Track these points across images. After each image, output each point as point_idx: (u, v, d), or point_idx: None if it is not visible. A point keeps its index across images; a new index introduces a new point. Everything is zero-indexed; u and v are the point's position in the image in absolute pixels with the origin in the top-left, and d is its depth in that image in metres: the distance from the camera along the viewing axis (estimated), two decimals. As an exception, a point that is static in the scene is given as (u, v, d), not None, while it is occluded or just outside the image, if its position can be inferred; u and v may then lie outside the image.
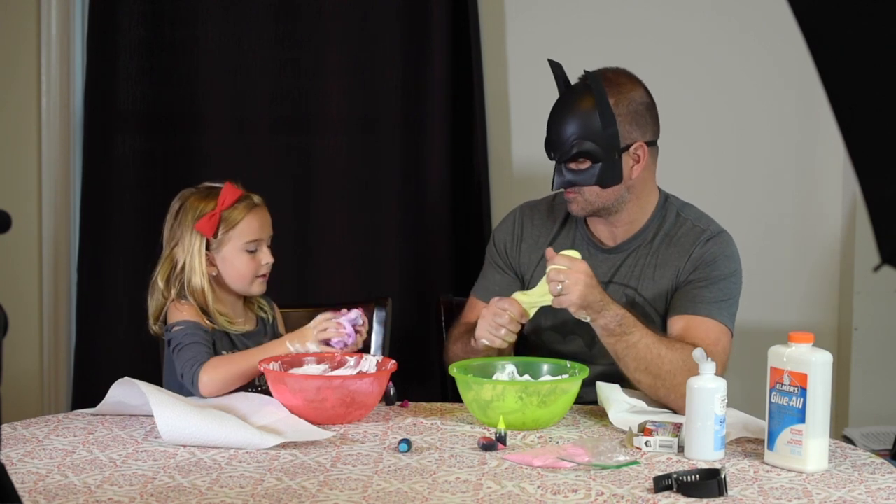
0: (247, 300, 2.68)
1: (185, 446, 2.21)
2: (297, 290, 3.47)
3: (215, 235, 2.57)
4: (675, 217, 2.69)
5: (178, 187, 2.69)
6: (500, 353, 2.60)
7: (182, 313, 2.54)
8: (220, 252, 2.59)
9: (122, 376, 2.49)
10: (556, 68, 2.66)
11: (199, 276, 2.56)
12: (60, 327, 3.57)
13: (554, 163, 2.65)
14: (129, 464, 2.12)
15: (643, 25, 3.54)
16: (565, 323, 2.64)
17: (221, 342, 2.58)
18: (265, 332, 2.67)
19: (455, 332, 2.75)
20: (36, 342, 3.57)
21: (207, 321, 2.56)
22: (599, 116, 2.58)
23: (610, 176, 2.60)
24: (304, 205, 3.52)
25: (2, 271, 3.55)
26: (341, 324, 2.51)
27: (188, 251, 2.57)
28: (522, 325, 2.56)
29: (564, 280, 2.40)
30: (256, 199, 2.65)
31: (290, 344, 2.51)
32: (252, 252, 2.61)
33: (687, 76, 3.57)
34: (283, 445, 2.19)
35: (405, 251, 3.52)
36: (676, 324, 2.56)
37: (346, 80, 3.48)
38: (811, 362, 2.08)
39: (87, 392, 3.44)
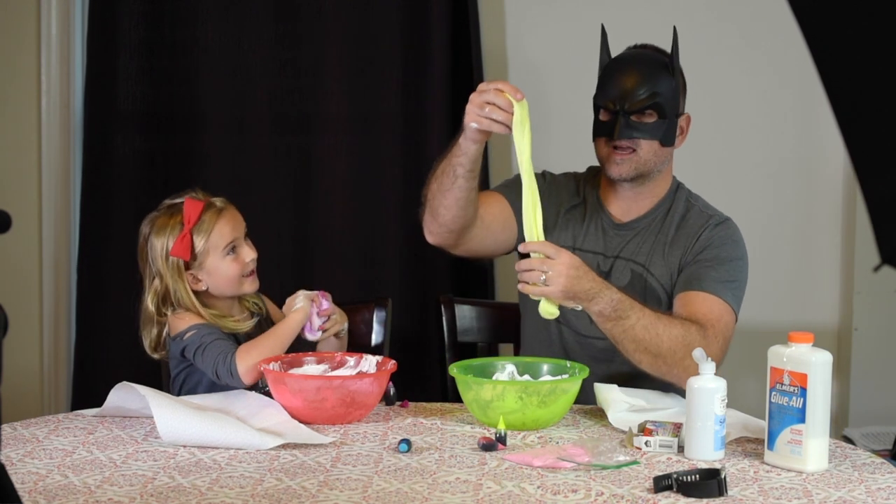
0: (240, 299, 2.67)
1: (185, 446, 2.21)
2: (296, 291, 3.47)
3: (193, 257, 2.54)
4: (685, 201, 2.73)
5: (178, 187, 2.68)
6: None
7: (185, 321, 2.53)
8: (202, 268, 2.55)
9: (122, 376, 2.49)
10: (603, 36, 2.73)
11: (185, 296, 2.53)
12: (60, 327, 3.57)
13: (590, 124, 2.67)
14: (129, 464, 2.12)
15: (643, 25, 3.53)
16: None
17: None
18: (262, 329, 2.66)
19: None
20: (36, 342, 3.57)
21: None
22: (672, 73, 2.66)
23: (669, 135, 2.66)
24: (304, 205, 3.52)
25: (2, 271, 3.55)
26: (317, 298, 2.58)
27: (170, 278, 2.53)
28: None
29: (547, 271, 2.38)
30: (219, 202, 2.60)
31: (294, 312, 2.55)
32: (233, 253, 2.58)
33: (687, 76, 3.57)
34: (283, 446, 2.19)
35: (405, 251, 3.52)
36: (681, 300, 2.59)
37: (346, 80, 3.48)
38: (811, 362, 2.08)
39: (87, 392, 3.44)
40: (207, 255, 2.55)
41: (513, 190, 2.68)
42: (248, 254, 2.59)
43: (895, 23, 1.29)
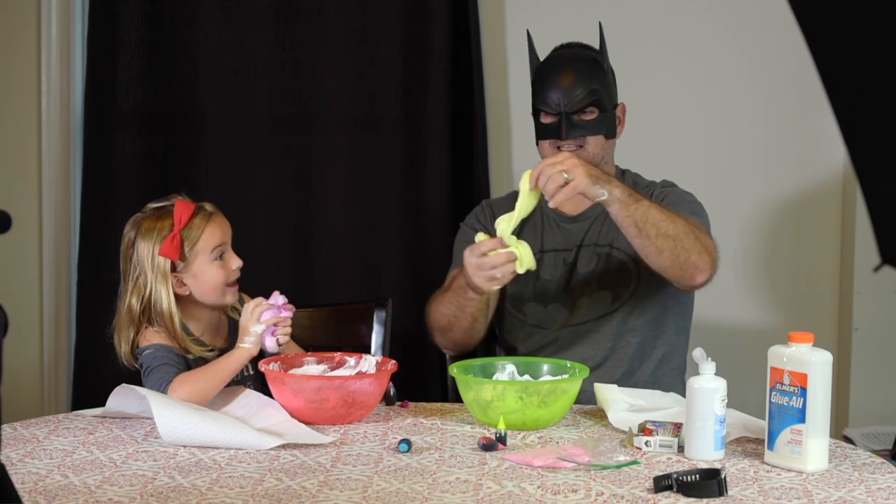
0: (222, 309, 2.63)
1: (185, 446, 2.21)
2: (297, 291, 3.46)
3: (182, 257, 2.51)
4: (630, 181, 2.84)
5: (177, 187, 2.68)
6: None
7: (150, 338, 2.49)
8: (189, 270, 2.52)
9: (123, 377, 2.49)
10: (530, 40, 2.82)
11: (165, 302, 2.49)
12: (60, 327, 3.57)
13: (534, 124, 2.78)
14: (129, 464, 2.12)
15: (644, 26, 3.54)
16: (544, 291, 2.76)
17: (197, 366, 2.54)
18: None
19: (439, 294, 2.79)
20: (36, 342, 3.57)
21: (178, 347, 2.49)
22: (605, 67, 2.76)
23: (611, 127, 2.76)
24: (304, 205, 3.52)
25: (2, 271, 3.55)
26: (271, 304, 2.46)
27: (154, 278, 2.49)
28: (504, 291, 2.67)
29: (563, 168, 2.45)
30: (209, 207, 2.58)
31: (243, 344, 2.45)
32: (220, 260, 2.55)
33: (686, 76, 3.57)
34: (283, 446, 2.19)
35: (405, 251, 3.51)
36: None
37: (347, 79, 3.48)
38: (811, 362, 2.08)
39: (87, 392, 3.44)
40: (195, 257, 2.52)
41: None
42: (235, 261, 2.57)
43: (895, 23, 1.29)
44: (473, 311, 2.67)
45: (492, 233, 2.82)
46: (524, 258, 2.49)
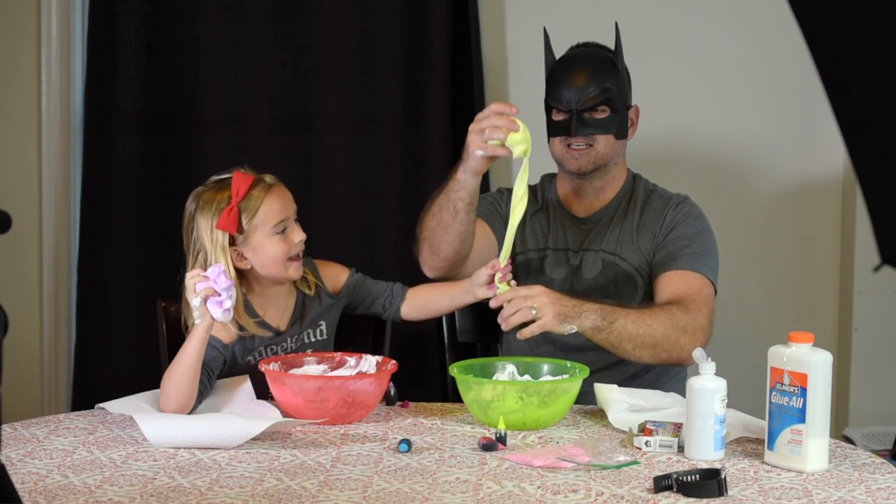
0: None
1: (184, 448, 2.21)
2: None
3: (240, 230, 2.47)
4: (643, 189, 2.84)
5: (178, 187, 2.68)
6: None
7: None
8: (248, 244, 2.48)
9: (123, 376, 2.49)
10: (546, 38, 2.83)
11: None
12: (60, 327, 3.57)
13: (545, 120, 2.78)
14: (129, 464, 2.12)
15: (644, 26, 3.54)
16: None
17: (244, 344, 2.54)
18: (303, 317, 2.60)
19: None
20: (36, 342, 3.57)
21: (235, 329, 2.46)
22: (619, 68, 2.76)
23: (622, 128, 2.76)
24: (304, 205, 3.51)
25: (2, 271, 3.55)
26: (206, 276, 2.34)
27: (213, 252, 2.45)
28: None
29: (533, 305, 2.43)
30: (269, 178, 2.55)
31: (197, 324, 2.35)
32: (282, 234, 2.52)
33: (686, 77, 3.57)
34: (283, 446, 2.19)
35: (405, 251, 3.51)
36: (661, 282, 2.68)
37: (346, 80, 3.48)
38: (811, 362, 2.08)
39: (87, 392, 3.44)
40: (255, 230, 2.49)
41: (492, 215, 2.82)
42: (298, 235, 2.54)
43: (895, 23, 1.29)
44: (456, 202, 2.58)
45: (506, 214, 2.82)
46: (519, 138, 2.45)
